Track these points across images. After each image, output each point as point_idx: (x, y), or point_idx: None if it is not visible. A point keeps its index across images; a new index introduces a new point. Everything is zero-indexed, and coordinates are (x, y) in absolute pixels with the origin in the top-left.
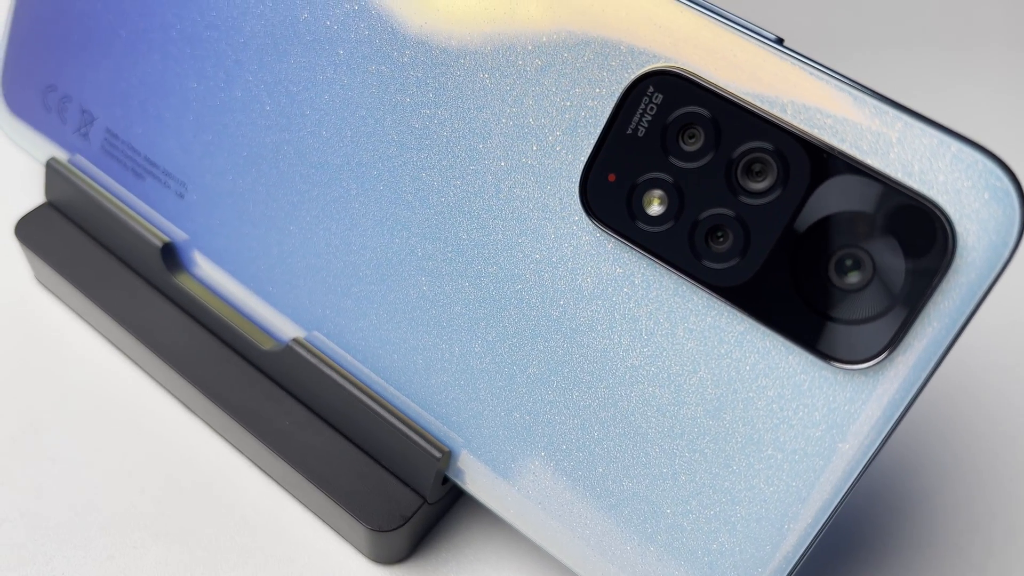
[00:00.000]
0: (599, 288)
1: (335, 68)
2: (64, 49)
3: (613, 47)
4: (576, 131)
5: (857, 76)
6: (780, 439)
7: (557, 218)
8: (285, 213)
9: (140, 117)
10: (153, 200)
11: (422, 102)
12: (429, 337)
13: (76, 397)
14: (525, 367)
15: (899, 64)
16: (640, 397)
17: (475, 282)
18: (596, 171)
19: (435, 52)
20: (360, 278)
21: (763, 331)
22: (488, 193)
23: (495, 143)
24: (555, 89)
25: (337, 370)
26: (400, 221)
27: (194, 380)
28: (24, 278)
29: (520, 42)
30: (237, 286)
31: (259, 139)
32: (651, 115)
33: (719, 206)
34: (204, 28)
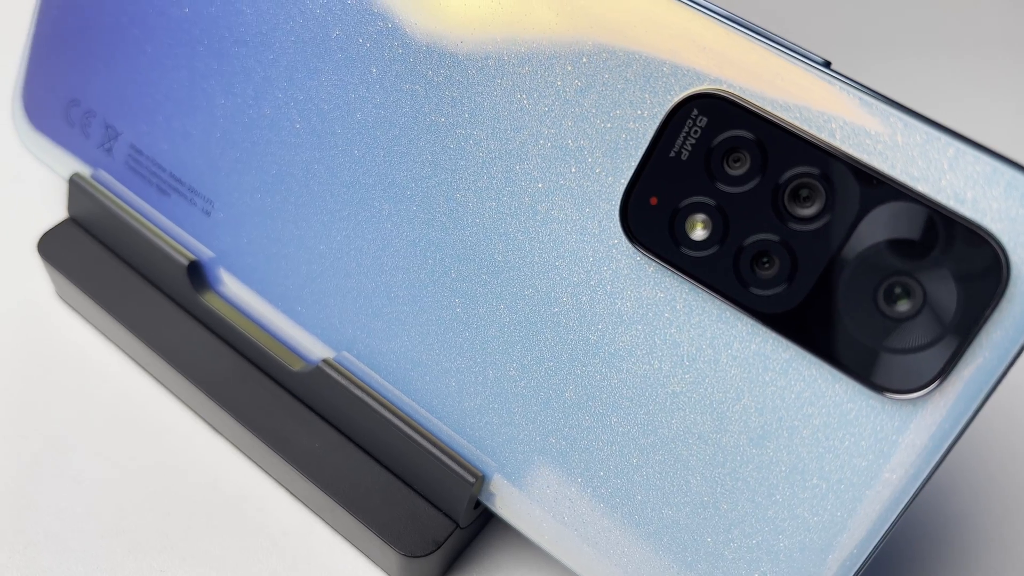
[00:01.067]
0: (639, 312)
1: (368, 86)
2: (88, 63)
3: (655, 69)
4: (616, 153)
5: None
6: (825, 468)
7: (596, 241)
8: (315, 232)
9: (166, 133)
10: (178, 217)
11: (457, 122)
12: (462, 359)
13: (99, 416)
14: (562, 392)
15: (916, 72)
16: (681, 424)
17: (510, 304)
18: (637, 194)
19: (471, 72)
20: (392, 299)
21: (809, 359)
22: (525, 215)
23: (532, 164)
24: (595, 111)
25: (368, 392)
26: (433, 242)
27: (221, 401)
28: (45, 293)
29: (559, 63)
30: (265, 305)
31: (289, 157)
32: (695, 138)
33: (765, 231)
34: (232, 44)
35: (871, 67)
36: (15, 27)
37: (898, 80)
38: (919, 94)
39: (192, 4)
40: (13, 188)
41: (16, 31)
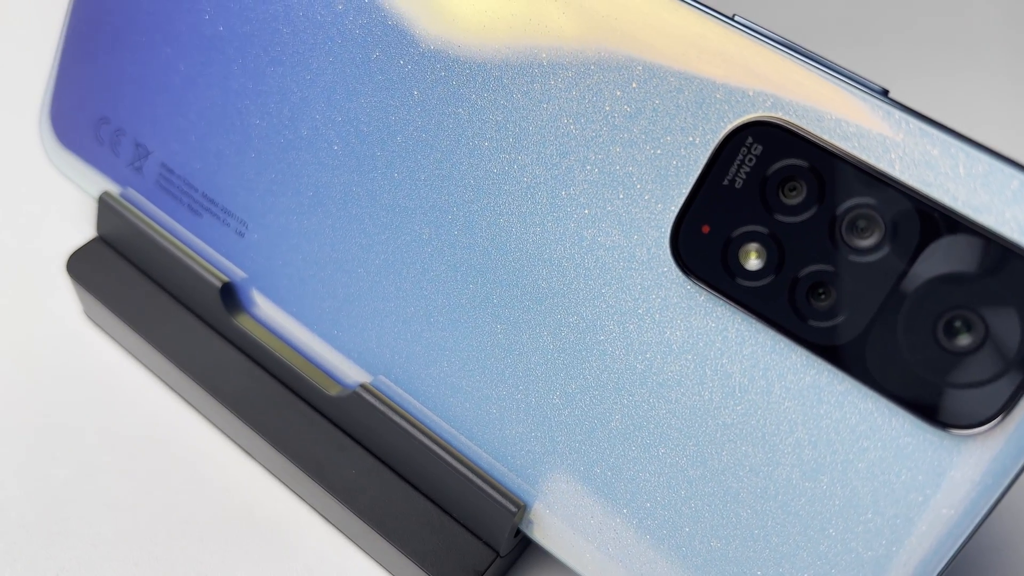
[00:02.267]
0: (689, 342)
1: (409, 109)
2: (118, 81)
3: (708, 95)
4: (667, 180)
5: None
6: (880, 503)
7: (645, 269)
8: (353, 255)
9: (198, 153)
10: (211, 238)
11: (501, 146)
12: (504, 386)
13: (130, 440)
14: (607, 421)
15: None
16: (732, 456)
17: (555, 332)
18: (689, 222)
19: (517, 97)
20: (432, 324)
21: (865, 392)
22: (570, 241)
23: (579, 190)
24: (644, 136)
25: (407, 418)
26: (475, 267)
27: (256, 425)
28: (73, 313)
29: (608, 88)
30: (300, 328)
31: (326, 179)
32: (750, 166)
33: (821, 262)
34: (268, 64)
35: (870, 64)
36: (43, 43)
37: (896, 78)
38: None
39: (227, 23)
40: (39, 206)
41: (44, 47)
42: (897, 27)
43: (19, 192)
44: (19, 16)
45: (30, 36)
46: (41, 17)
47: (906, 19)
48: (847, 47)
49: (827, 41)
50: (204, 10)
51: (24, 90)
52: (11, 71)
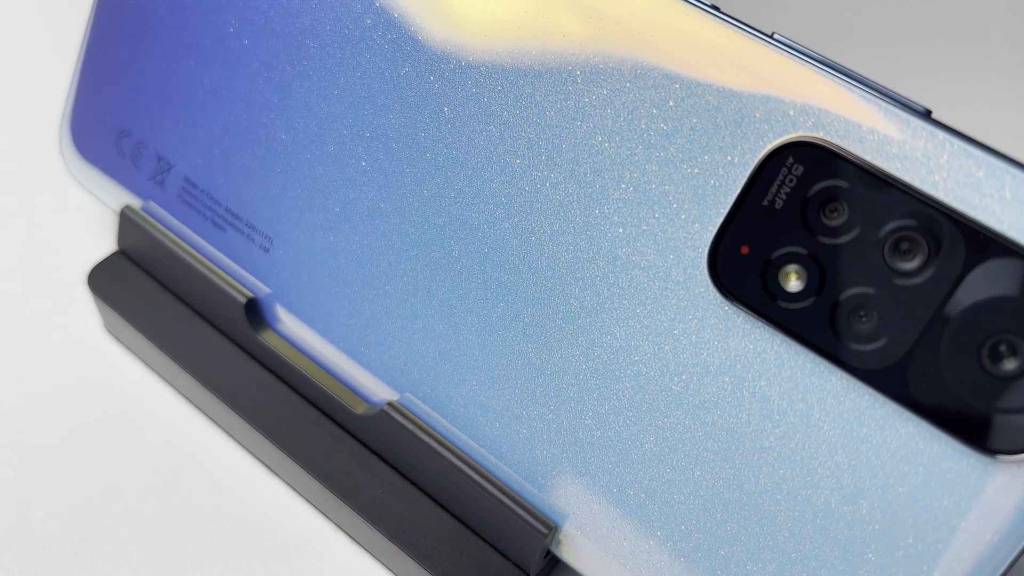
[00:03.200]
0: (727, 364)
1: (439, 126)
2: (140, 93)
3: (748, 114)
4: (704, 199)
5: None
6: (921, 528)
7: (681, 289)
8: (381, 273)
9: (222, 167)
10: (234, 253)
11: (534, 164)
12: (535, 407)
13: (153, 457)
14: (641, 443)
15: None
16: (769, 479)
17: (587, 352)
18: (727, 242)
19: (550, 114)
20: (462, 342)
21: (907, 416)
22: (604, 260)
23: (613, 209)
24: (681, 155)
25: (435, 437)
26: (507, 285)
27: (281, 444)
28: (93, 327)
29: (644, 107)
30: (326, 345)
31: (354, 196)
32: (790, 187)
33: (863, 285)
34: (294, 78)
35: (868, 61)
36: (63, 53)
37: (897, 75)
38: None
39: (252, 36)
40: (57, 217)
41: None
42: (898, 27)
43: (37, 203)
44: (39, 25)
45: (51, 45)
46: (62, 27)
47: (908, 18)
48: (846, 48)
49: (825, 40)
50: (229, 23)
51: (43, 100)
52: (30, 81)
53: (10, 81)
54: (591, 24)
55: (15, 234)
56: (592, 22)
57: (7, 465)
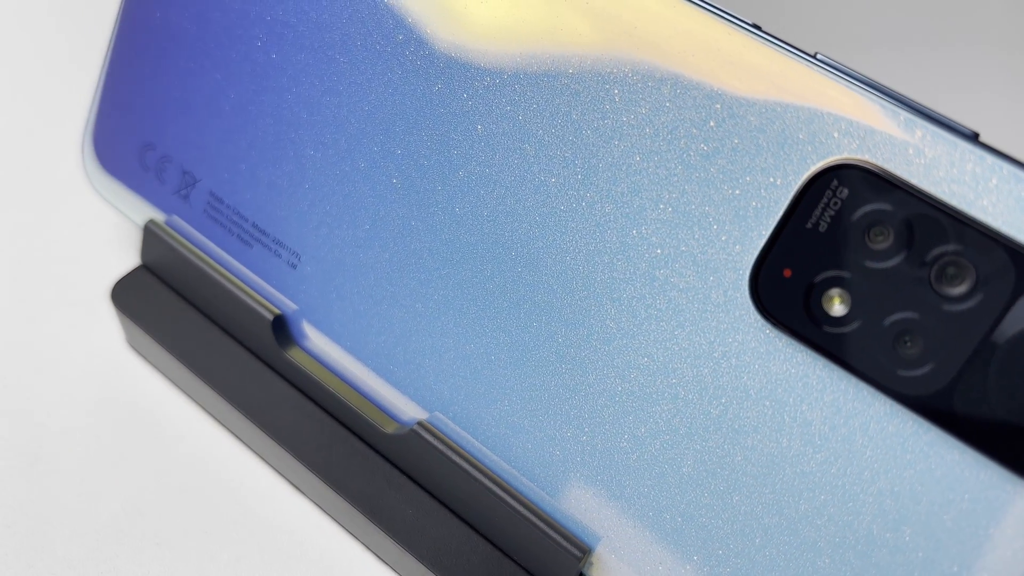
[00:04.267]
0: (767, 387)
1: (473, 144)
2: (164, 107)
3: (791, 136)
4: (746, 221)
5: None
6: (967, 556)
7: (722, 312)
8: (411, 290)
9: (249, 182)
10: (261, 269)
11: (570, 183)
12: (569, 428)
13: (178, 475)
14: (679, 467)
15: None
16: (810, 505)
17: (623, 373)
18: (769, 265)
19: (587, 133)
20: (494, 362)
21: (952, 442)
22: (641, 281)
23: (651, 229)
24: (722, 176)
25: (467, 458)
26: (540, 306)
27: (309, 463)
28: (115, 342)
29: (684, 126)
30: (354, 363)
31: (384, 213)
32: (834, 210)
33: (909, 310)
34: (323, 93)
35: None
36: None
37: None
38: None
39: (280, 50)
40: (76, 231)
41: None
42: (895, 24)
43: (57, 216)
44: (60, 36)
45: (72, 57)
46: (85, 37)
47: (909, 18)
48: (846, 48)
49: (826, 40)
50: (256, 37)
51: (64, 112)
52: (51, 92)
53: (31, 92)
54: (629, 43)
55: (35, 247)
56: (631, 41)
57: (32, 483)
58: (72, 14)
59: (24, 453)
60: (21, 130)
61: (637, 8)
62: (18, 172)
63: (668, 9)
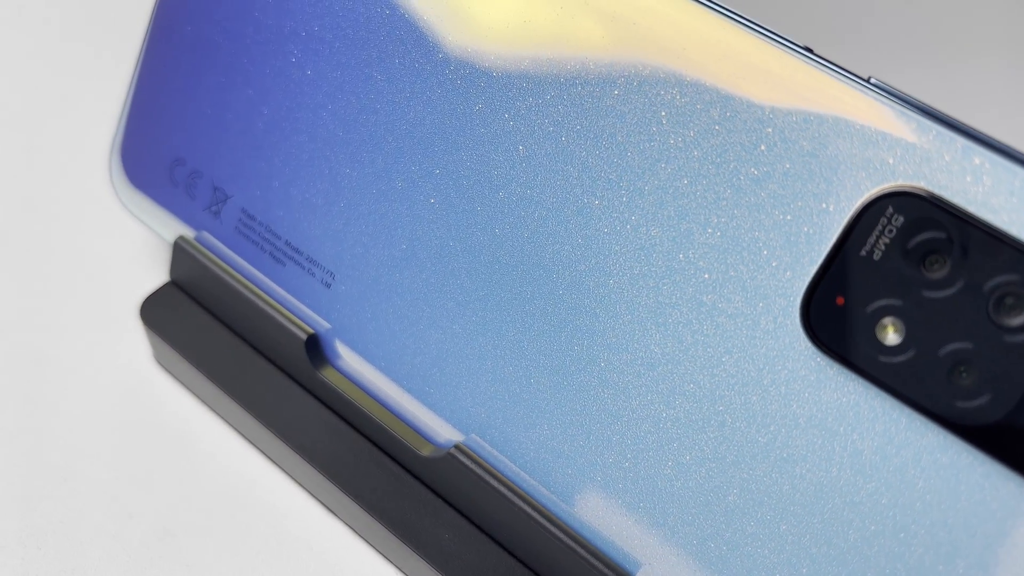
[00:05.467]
0: (817, 416)
1: (513, 165)
2: (195, 122)
3: (844, 161)
4: (797, 247)
5: None
6: None
7: (771, 339)
8: (448, 312)
9: (282, 200)
10: (294, 287)
11: (614, 206)
12: (611, 454)
13: (208, 496)
14: (724, 495)
15: None
16: (860, 535)
17: (668, 400)
18: (822, 292)
19: (631, 155)
20: (533, 385)
21: (1009, 475)
22: (687, 307)
23: (698, 254)
24: (772, 201)
25: (505, 483)
26: (582, 329)
27: (343, 485)
28: (142, 358)
29: (734, 150)
30: (389, 383)
31: (422, 233)
32: (889, 237)
33: (965, 340)
34: (360, 111)
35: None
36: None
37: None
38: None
39: (315, 67)
40: (103, 244)
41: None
42: (893, 22)
43: (82, 230)
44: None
45: (99, 68)
46: (111, 50)
47: (908, 18)
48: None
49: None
50: (291, 52)
51: (93, 125)
52: (79, 104)
53: (56, 104)
54: (678, 64)
55: (60, 261)
56: (680, 62)
57: (61, 503)
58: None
59: (53, 472)
60: (46, 142)
61: (687, 30)
62: (43, 184)
63: (719, 31)
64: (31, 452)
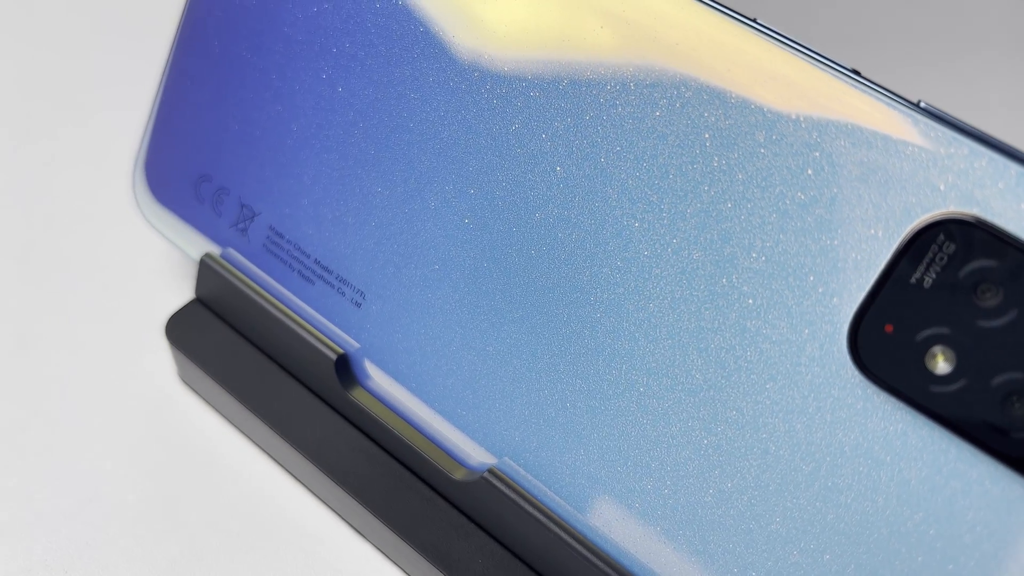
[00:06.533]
0: (864, 445)
1: (550, 187)
2: (222, 137)
3: (893, 187)
4: (844, 273)
5: None
6: None
7: (816, 366)
8: (482, 333)
9: (312, 218)
10: (323, 306)
11: (654, 228)
12: (651, 481)
13: (236, 517)
14: (767, 524)
15: None
16: (906, 565)
17: (709, 427)
18: (870, 320)
19: (673, 177)
20: (570, 409)
21: None
22: (731, 332)
23: (743, 279)
24: (819, 227)
25: (541, 509)
26: (620, 353)
27: (374, 508)
28: (166, 376)
29: (779, 173)
30: (419, 405)
31: (455, 253)
32: (940, 265)
33: (1019, 370)
34: (393, 129)
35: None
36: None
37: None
38: None
39: (347, 84)
40: (125, 259)
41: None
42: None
43: (104, 244)
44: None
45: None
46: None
47: (908, 19)
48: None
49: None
50: (322, 68)
51: (116, 138)
52: (103, 116)
53: (78, 115)
54: (722, 84)
55: (83, 277)
56: (724, 84)
57: (87, 525)
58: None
59: (78, 493)
60: (67, 153)
61: (732, 52)
62: (64, 197)
63: (765, 53)
64: (56, 472)
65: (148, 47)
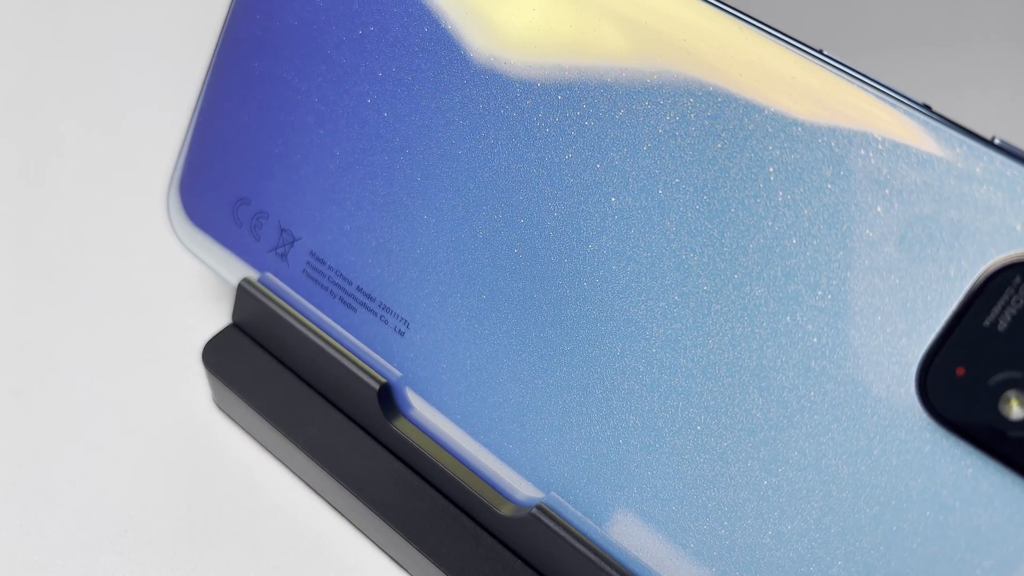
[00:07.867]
0: (931, 490)
1: (605, 218)
2: (261, 161)
3: (966, 227)
4: (914, 314)
5: None
6: None
7: (883, 407)
8: (531, 365)
9: (355, 245)
10: (366, 334)
11: (715, 265)
12: (707, 522)
13: (273, 548)
14: (828, 567)
15: None
16: None
17: (770, 469)
18: (941, 362)
19: (735, 211)
20: (622, 446)
21: None
22: (795, 371)
23: (807, 317)
24: (888, 265)
25: (591, 547)
26: (678, 391)
27: (418, 543)
28: (201, 402)
29: (847, 211)
30: (464, 437)
31: (504, 283)
32: (1016, 308)
33: None
34: (441, 157)
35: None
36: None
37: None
38: None
39: (393, 109)
40: (156, 279)
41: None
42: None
43: (137, 265)
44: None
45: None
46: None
47: (908, 18)
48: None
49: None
50: (366, 93)
51: (151, 157)
52: (137, 135)
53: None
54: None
55: (115, 299)
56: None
57: (121, 555)
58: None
59: (114, 522)
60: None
61: (802, 86)
62: (96, 216)
63: (832, 87)
64: (90, 501)
65: (184, 61)
